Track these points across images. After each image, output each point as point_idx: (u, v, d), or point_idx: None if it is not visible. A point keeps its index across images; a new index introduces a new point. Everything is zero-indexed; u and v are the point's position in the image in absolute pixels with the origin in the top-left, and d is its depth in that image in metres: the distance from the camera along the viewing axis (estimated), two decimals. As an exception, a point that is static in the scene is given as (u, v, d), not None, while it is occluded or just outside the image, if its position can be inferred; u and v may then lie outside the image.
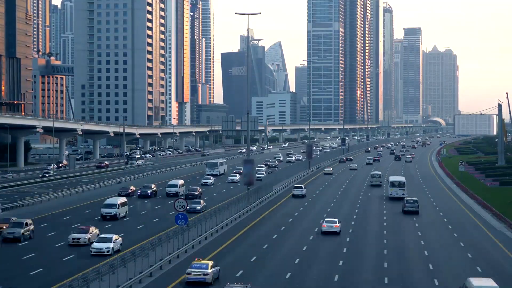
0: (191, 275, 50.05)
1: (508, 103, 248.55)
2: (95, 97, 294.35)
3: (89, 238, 65.04)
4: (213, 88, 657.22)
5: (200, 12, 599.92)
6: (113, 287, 46.36)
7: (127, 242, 63.84)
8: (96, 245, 60.43)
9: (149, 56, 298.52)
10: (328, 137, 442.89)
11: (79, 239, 64.90)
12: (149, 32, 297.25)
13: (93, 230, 67.35)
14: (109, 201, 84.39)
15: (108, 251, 59.56)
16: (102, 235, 62.97)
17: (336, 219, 75.18)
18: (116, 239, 61.74)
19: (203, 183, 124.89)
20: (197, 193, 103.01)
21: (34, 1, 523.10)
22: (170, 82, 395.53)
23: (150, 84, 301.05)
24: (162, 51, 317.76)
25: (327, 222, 74.08)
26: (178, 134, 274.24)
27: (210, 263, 51.32)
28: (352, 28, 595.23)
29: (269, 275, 54.24)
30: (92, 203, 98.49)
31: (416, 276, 55.40)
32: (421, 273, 56.33)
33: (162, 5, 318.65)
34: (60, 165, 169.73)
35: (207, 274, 50.00)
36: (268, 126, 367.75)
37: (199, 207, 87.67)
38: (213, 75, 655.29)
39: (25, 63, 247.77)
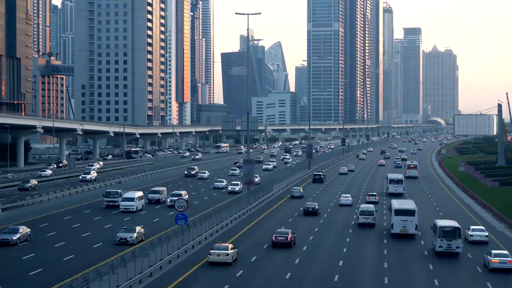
0: None
1: (508, 103, 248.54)
2: (95, 97, 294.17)
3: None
4: (213, 88, 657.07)
5: (200, 12, 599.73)
6: (113, 287, 46.37)
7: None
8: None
9: (149, 56, 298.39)
10: (328, 137, 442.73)
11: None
12: (149, 32, 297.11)
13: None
14: None
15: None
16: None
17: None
18: None
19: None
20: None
21: (34, 1, 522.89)
22: (170, 82, 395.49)
23: (150, 84, 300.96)
24: (162, 51, 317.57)
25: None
26: (178, 134, 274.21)
27: None
28: (352, 28, 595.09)
29: (270, 275, 54.26)
30: (92, 203, 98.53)
31: (416, 276, 55.44)
32: (421, 273, 56.37)
33: (162, 5, 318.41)
34: (60, 165, 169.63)
35: None
36: (268, 126, 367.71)
37: None
38: (213, 75, 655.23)
39: (25, 63, 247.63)
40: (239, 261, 58.65)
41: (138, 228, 66.83)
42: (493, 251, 58.41)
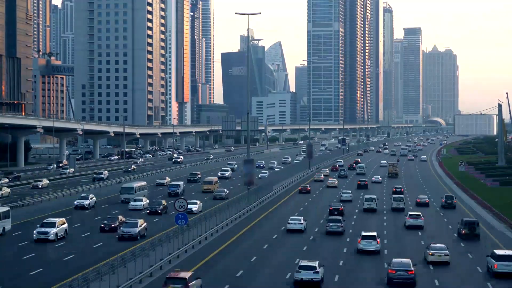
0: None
1: (508, 103, 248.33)
2: (95, 97, 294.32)
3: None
4: (213, 88, 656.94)
5: (200, 12, 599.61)
6: (113, 287, 46.38)
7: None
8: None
9: (149, 56, 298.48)
10: (328, 137, 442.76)
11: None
12: (149, 32, 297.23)
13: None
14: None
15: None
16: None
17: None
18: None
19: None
20: None
21: (35, 1, 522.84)
22: (170, 82, 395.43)
23: (150, 84, 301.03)
24: (162, 51, 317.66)
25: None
26: (178, 134, 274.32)
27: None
28: (352, 28, 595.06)
29: (269, 275, 54.26)
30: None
31: (416, 276, 55.36)
32: (422, 273, 56.35)
33: (162, 5, 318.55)
34: (61, 165, 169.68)
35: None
36: (268, 126, 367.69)
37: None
38: (213, 75, 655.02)
39: (25, 63, 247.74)
40: (239, 261, 58.66)
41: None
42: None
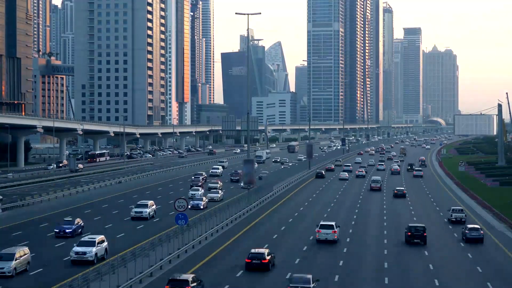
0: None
1: (508, 103, 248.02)
2: (95, 97, 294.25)
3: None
4: (213, 88, 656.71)
5: (200, 12, 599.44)
6: (113, 287, 46.39)
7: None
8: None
9: (149, 56, 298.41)
10: (329, 137, 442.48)
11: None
12: (149, 32, 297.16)
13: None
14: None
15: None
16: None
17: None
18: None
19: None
20: None
21: (35, 1, 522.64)
22: (170, 82, 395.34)
23: (150, 84, 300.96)
24: (162, 51, 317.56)
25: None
26: (178, 134, 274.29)
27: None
28: (352, 28, 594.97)
29: (269, 275, 54.24)
30: (92, 203, 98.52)
31: (416, 276, 55.46)
32: (421, 273, 56.39)
33: (162, 5, 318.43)
34: (60, 165, 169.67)
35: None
36: (268, 126, 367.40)
37: None
38: (213, 75, 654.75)
39: (25, 63, 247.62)
40: (239, 261, 58.66)
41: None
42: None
